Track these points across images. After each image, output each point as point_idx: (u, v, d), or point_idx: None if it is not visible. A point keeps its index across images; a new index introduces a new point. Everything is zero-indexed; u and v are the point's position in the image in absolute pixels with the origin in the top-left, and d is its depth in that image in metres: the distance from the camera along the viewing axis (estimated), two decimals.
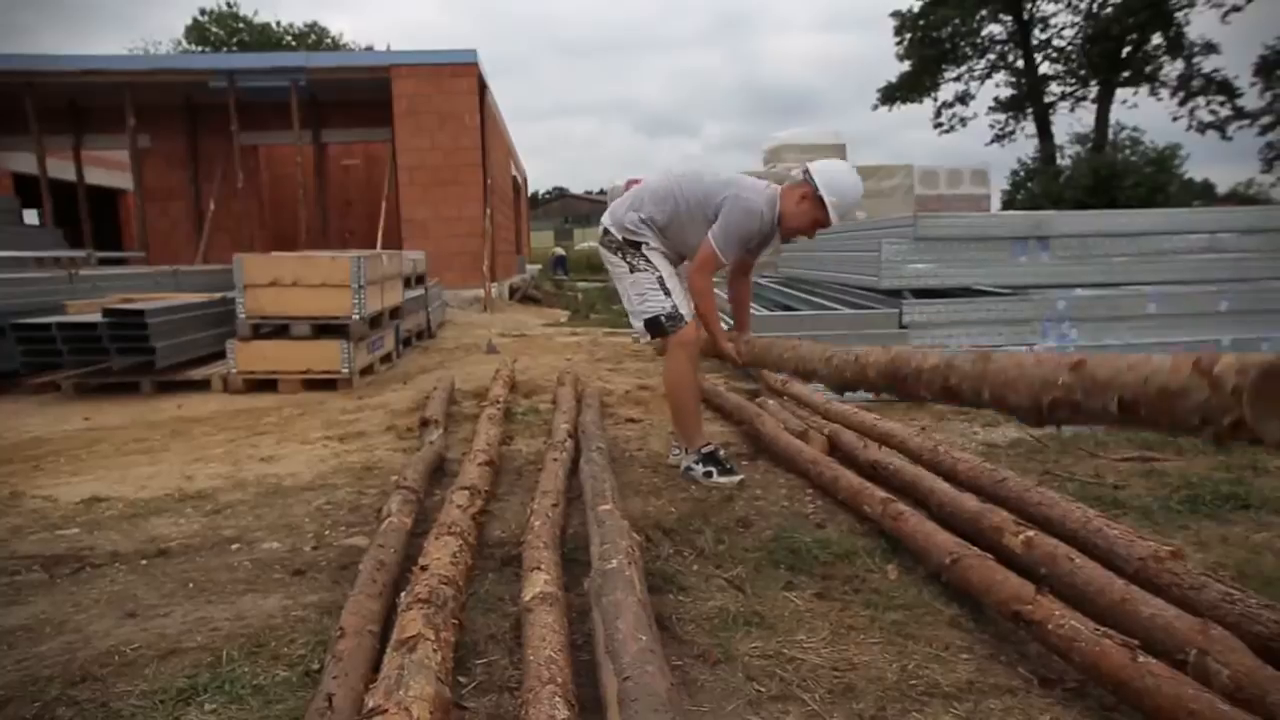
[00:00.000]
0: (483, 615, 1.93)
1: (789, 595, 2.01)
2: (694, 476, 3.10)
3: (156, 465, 3.55)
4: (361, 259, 5.27)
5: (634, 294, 3.12)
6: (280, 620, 1.96)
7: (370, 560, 1.98)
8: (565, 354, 6.90)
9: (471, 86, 11.05)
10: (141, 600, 2.12)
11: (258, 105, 11.86)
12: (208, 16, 32.46)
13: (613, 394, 4.97)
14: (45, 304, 5.83)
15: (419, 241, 10.52)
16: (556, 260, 26.49)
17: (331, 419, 4.39)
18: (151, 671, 1.72)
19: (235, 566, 2.36)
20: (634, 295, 3.12)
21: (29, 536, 2.66)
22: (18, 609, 2.08)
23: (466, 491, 2.52)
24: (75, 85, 11.33)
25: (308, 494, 3.07)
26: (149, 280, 7.46)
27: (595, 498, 2.40)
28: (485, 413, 3.84)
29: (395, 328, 6.47)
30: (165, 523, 2.79)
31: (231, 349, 5.30)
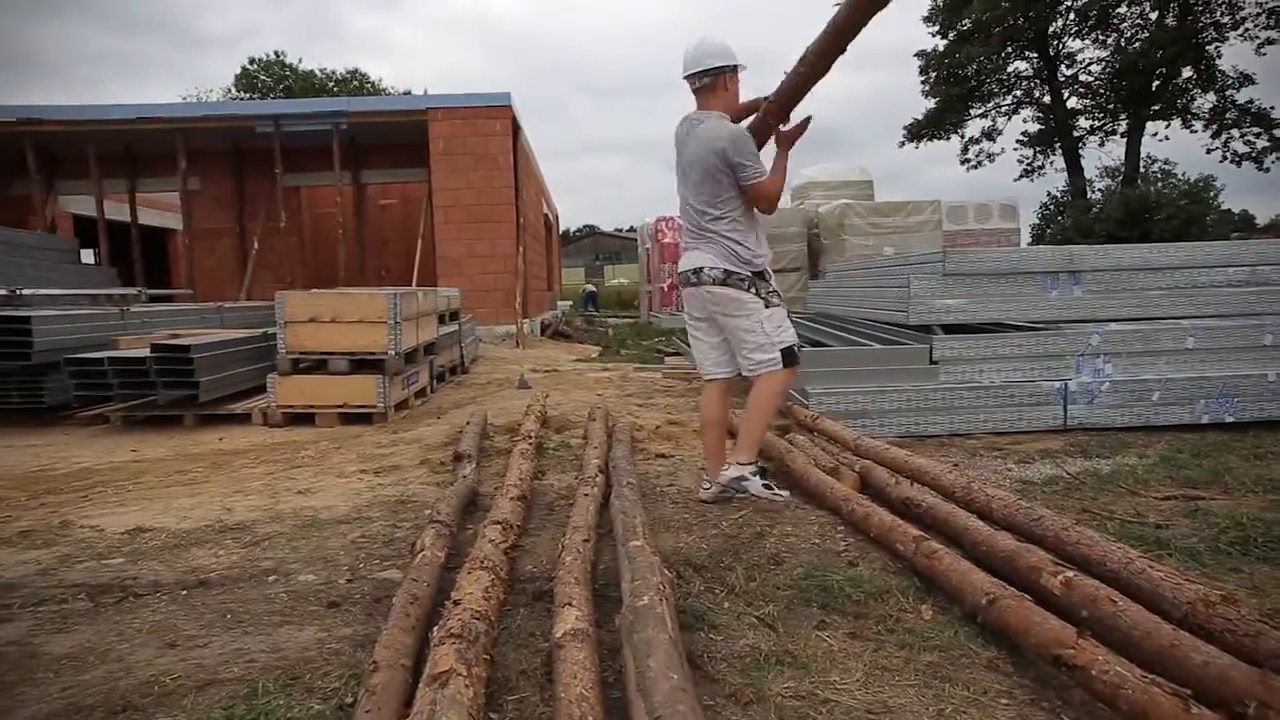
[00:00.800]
0: (514, 650, 1.93)
1: (821, 634, 1.99)
2: (748, 488, 3.15)
3: (198, 497, 3.64)
4: (397, 295, 5.39)
5: (771, 327, 3.21)
6: (315, 653, 1.99)
7: (404, 594, 2.00)
8: (596, 389, 6.94)
9: (506, 128, 11.32)
10: (181, 631, 2.16)
11: (301, 148, 12.29)
12: (256, 65, 33.89)
13: (643, 429, 4.98)
14: (98, 340, 6.05)
15: (454, 278, 10.71)
16: (587, 296, 26.74)
17: (367, 453, 4.46)
18: (190, 702, 1.76)
19: (272, 598, 2.41)
20: (771, 328, 3.21)
21: (76, 565, 2.74)
22: (64, 637, 2.14)
23: (499, 526, 2.55)
24: (131, 132, 11.83)
25: (343, 527, 3.12)
26: (195, 316, 7.70)
27: (626, 533, 2.41)
28: (517, 448, 3.88)
29: (430, 363, 6.58)
30: (205, 554, 2.85)
31: (271, 383, 5.43)
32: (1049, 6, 22.70)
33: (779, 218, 14.95)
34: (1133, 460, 3.85)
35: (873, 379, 4.87)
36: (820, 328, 7.50)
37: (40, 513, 3.41)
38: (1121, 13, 22.73)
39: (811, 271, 14.67)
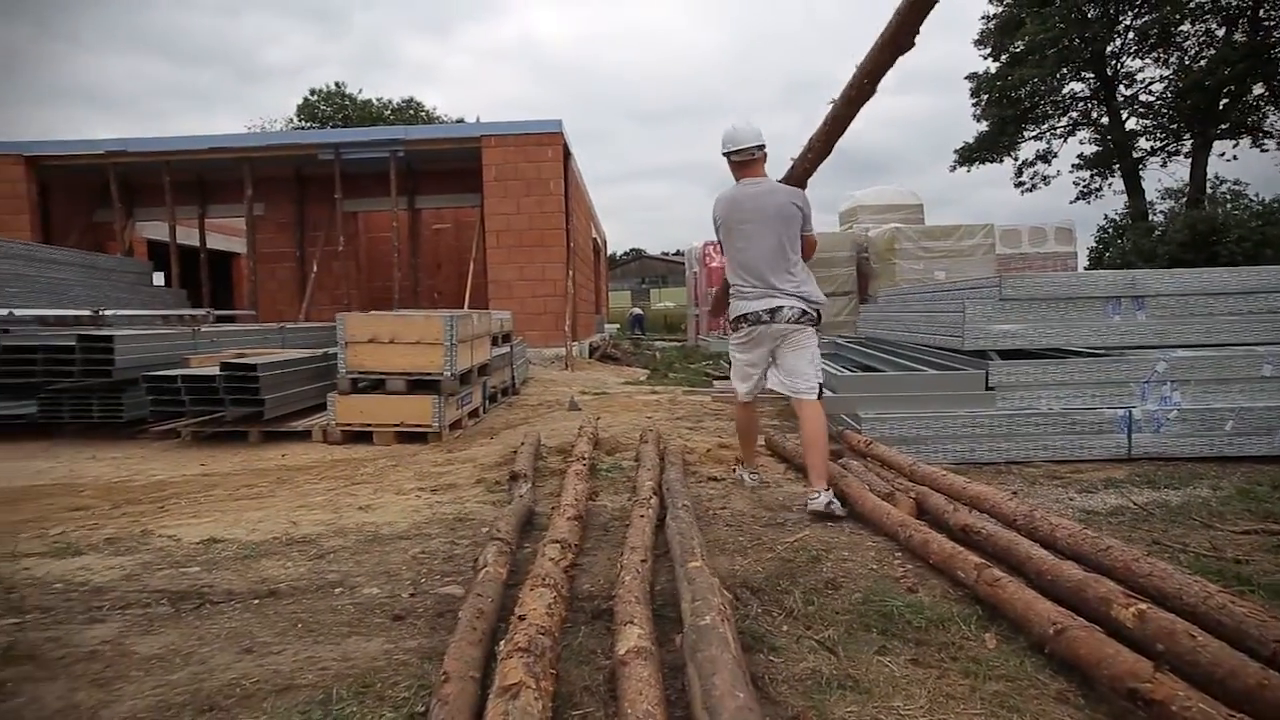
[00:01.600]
0: (576, 667, 1.97)
1: (883, 660, 1.98)
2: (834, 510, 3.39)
3: (265, 510, 3.77)
4: (454, 318, 5.53)
5: (815, 366, 3.76)
6: (384, 663, 2.05)
7: (469, 608, 2.06)
8: (645, 412, 6.98)
9: (557, 154, 11.55)
10: (257, 637, 2.25)
11: (360, 174, 12.73)
12: (317, 95, 35.21)
13: (694, 452, 5.00)
14: (171, 358, 6.33)
15: (504, 301, 10.92)
16: (634, 319, 26.91)
17: (424, 471, 4.57)
18: (269, 705, 1.83)
19: (339, 610, 2.48)
20: (814, 368, 3.76)
21: (157, 572, 2.86)
22: (151, 639, 2.24)
23: (558, 545, 2.59)
24: (203, 161, 12.42)
25: (404, 543, 3.20)
26: (259, 336, 7.99)
27: (684, 555, 2.43)
28: (572, 468, 3.93)
29: (483, 384, 6.71)
30: (274, 565, 2.95)
31: (332, 402, 5.60)
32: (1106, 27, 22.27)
33: (828, 241, 14.88)
34: (1205, 492, 3.72)
35: (926, 404, 4.81)
36: (872, 352, 7.43)
37: (122, 521, 3.58)
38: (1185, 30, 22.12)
39: (860, 295, 14.56)
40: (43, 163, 12.30)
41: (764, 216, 3.68)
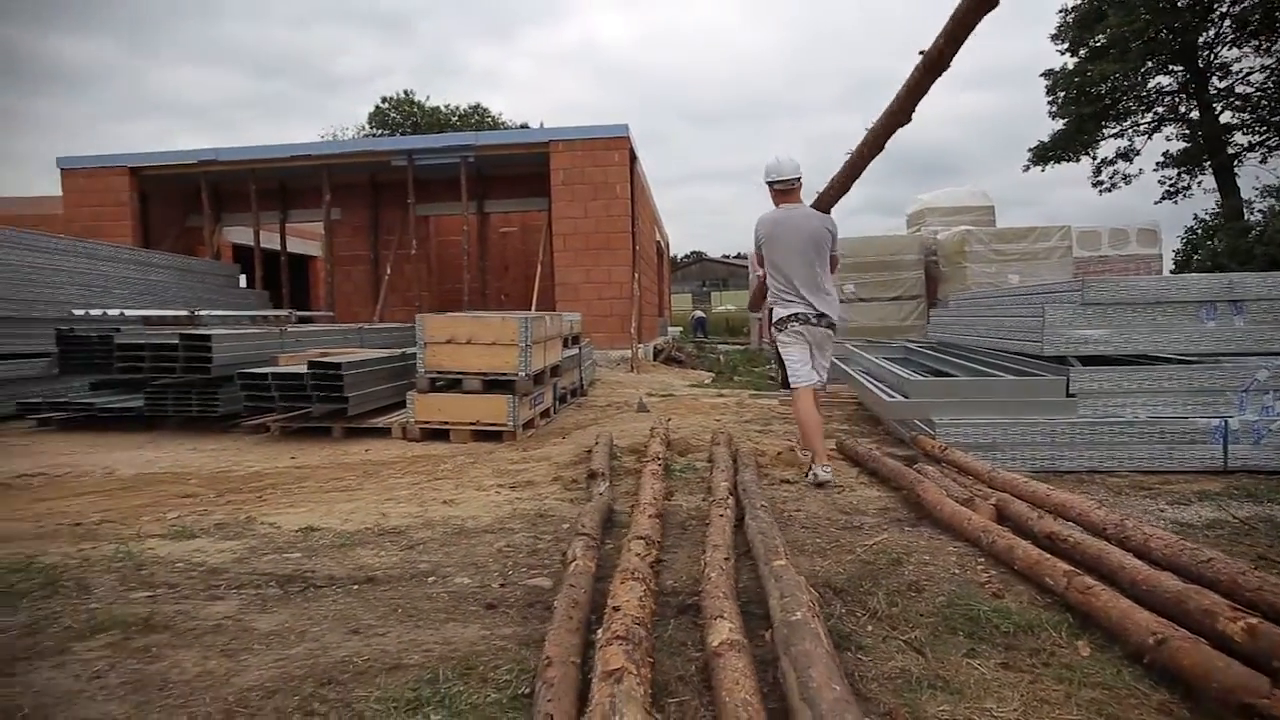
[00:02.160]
0: (668, 658, 2.03)
1: (972, 662, 1.98)
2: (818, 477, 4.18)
3: (355, 502, 3.96)
4: (529, 320, 5.68)
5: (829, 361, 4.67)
6: (483, 648, 2.15)
7: (564, 599, 2.14)
8: (713, 415, 7.01)
9: (623, 158, 11.68)
10: (362, 620, 2.39)
11: (431, 180, 13.12)
12: (388, 103, 36.31)
13: (765, 455, 5.02)
14: (261, 357, 6.66)
15: (571, 304, 11.10)
16: (697, 322, 26.92)
17: (501, 468, 4.71)
18: (381, 681, 1.95)
19: (434, 597, 2.61)
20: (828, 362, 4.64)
21: (263, 557, 3.05)
22: (267, 616, 2.41)
23: (642, 541, 2.66)
24: (286, 169, 12.99)
25: (488, 536, 3.32)
26: (339, 336, 8.33)
27: (768, 554, 2.47)
28: (647, 468, 4.00)
29: (554, 385, 6.85)
30: (369, 553, 3.11)
31: (411, 400, 5.82)
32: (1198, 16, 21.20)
33: (894, 245, 14.65)
34: None
35: (1003, 410, 4.72)
36: (944, 357, 7.30)
37: (228, 509, 3.81)
38: None
39: (929, 299, 14.27)
40: (143, 173, 13.07)
41: (802, 236, 4.42)
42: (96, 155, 13.20)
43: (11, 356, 7.48)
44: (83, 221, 12.70)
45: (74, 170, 13.11)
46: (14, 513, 3.83)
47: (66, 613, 2.47)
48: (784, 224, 4.45)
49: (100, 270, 9.11)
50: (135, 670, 2.06)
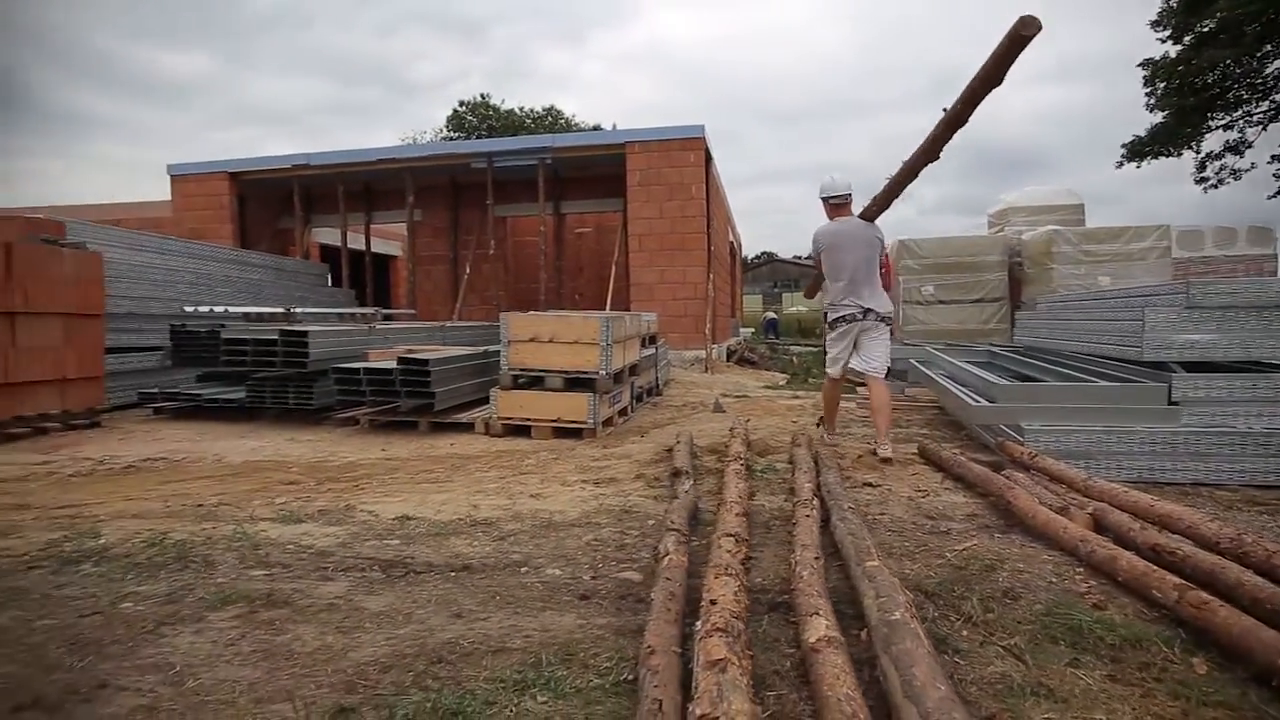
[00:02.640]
0: (762, 653, 2.06)
1: (1077, 673, 1.95)
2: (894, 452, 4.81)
3: (446, 494, 4.11)
4: (610, 320, 5.78)
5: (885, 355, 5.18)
6: (580, 636, 2.23)
7: (661, 591, 2.20)
8: (790, 416, 6.98)
9: (699, 159, 11.71)
10: (463, 605, 2.50)
11: (509, 181, 13.41)
12: (465, 107, 37.29)
13: (845, 457, 4.98)
14: (353, 353, 6.97)
15: (645, 304, 11.19)
16: (769, 323, 26.72)
17: (584, 465, 4.81)
18: (488, 663, 2.05)
19: (528, 586, 2.70)
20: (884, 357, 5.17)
21: (365, 542, 3.21)
22: (374, 598, 2.55)
23: (731, 538, 2.70)
24: (372, 172, 13.51)
25: (576, 530, 3.41)
26: (424, 334, 8.63)
27: (860, 555, 2.47)
28: (730, 468, 4.03)
29: (631, 384, 6.94)
30: (463, 543, 3.24)
31: (494, 396, 5.99)
32: None
33: (974, 246, 14.22)
34: None
35: (1098, 418, 4.56)
36: (1032, 361, 7.07)
37: (328, 496, 4.02)
38: None
39: (1012, 302, 13.79)
40: (242, 177, 13.80)
41: (857, 245, 5.09)
42: (201, 162, 14.02)
43: (131, 350, 8.03)
44: (189, 224, 13.50)
45: (182, 176, 13.95)
46: (145, 493, 4.14)
47: (198, 585, 2.67)
48: (840, 234, 5.17)
49: (207, 269, 9.68)
50: (263, 640, 2.22)
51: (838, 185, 5.22)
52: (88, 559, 3.00)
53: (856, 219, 5.18)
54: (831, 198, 5.24)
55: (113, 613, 2.46)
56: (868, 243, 5.12)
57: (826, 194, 5.24)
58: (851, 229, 5.15)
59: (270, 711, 1.82)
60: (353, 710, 1.79)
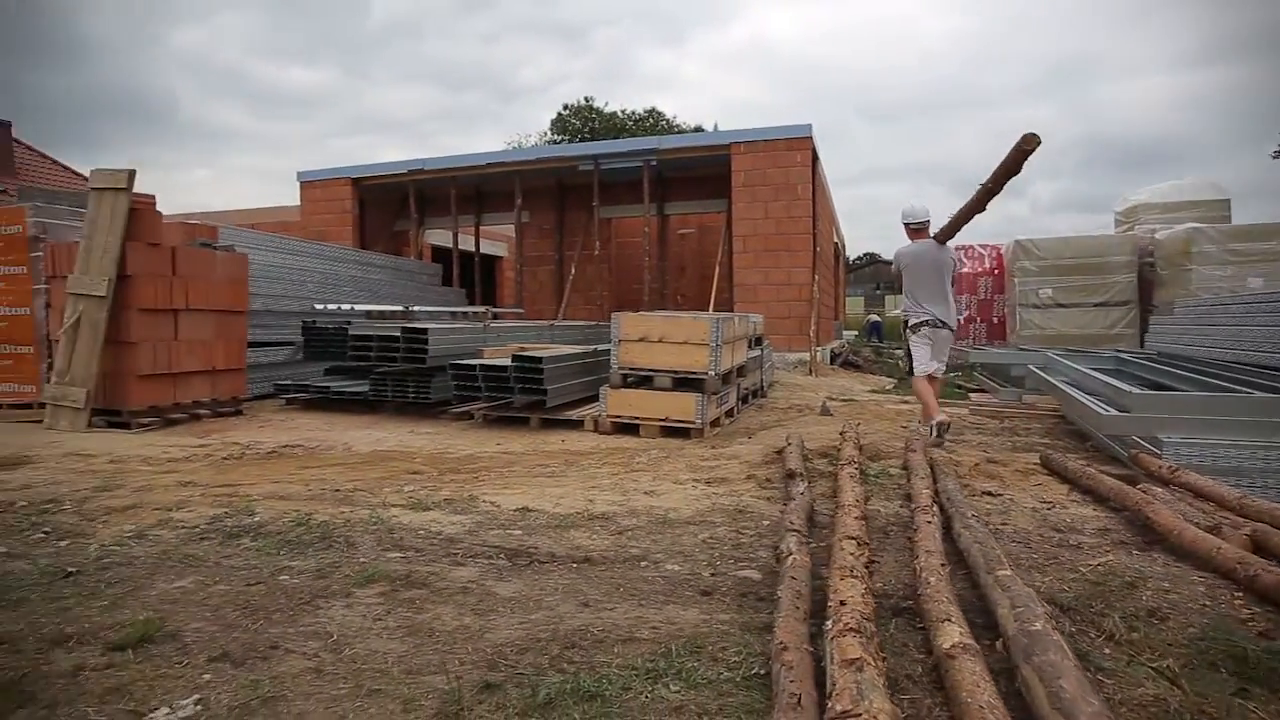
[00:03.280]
0: (892, 657, 2.05)
1: (1245, 704, 1.83)
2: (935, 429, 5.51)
3: (562, 488, 4.25)
4: (720, 320, 5.80)
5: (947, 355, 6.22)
6: (706, 630, 2.27)
7: (788, 590, 2.21)
8: (900, 421, 6.81)
9: (806, 159, 11.54)
10: (589, 595, 2.59)
11: (614, 183, 13.63)
12: (568, 110, 38.09)
13: (961, 464, 4.82)
14: (468, 350, 7.28)
15: (749, 305, 11.13)
16: (872, 326, 26.04)
17: (693, 464, 4.86)
18: (619, 650, 2.12)
19: (650, 580, 2.77)
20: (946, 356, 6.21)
21: (490, 531, 3.37)
22: (504, 584, 2.67)
23: (853, 541, 2.68)
24: (483, 175, 14.03)
25: (691, 528, 3.46)
26: (533, 333, 8.90)
27: (990, 563, 2.41)
28: (844, 471, 3.98)
29: (738, 385, 6.94)
30: (582, 536, 3.34)
31: (604, 395, 6.12)
32: None
33: (1101, 245, 13.41)
34: None
35: (1252, 432, 4.23)
36: (1166, 369, 6.62)
37: (452, 487, 4.23)
38: None
39: (1142, 305, 12.90)
40: (363, 182, 14.62)
41: (934, 263, 5.91)
42: (326, 169, 14.94)
43: (266, 344, 8.67)
44: (315, 227, 14.42)
45: (310, 182, 14.92)
46: (288, 476, 4.48)
47: (343, 563, 2.88)
48: (919, 255, 5.95)
49: (333, 270, 10.33)
50: (406, 618, 2.37)
51: (917, 212, 6.04)
52: (246, 534, 3.28)
53: (932, 241, 5.93)
54: (911, 223, 6.03)
55: (273, 583, 2.68)
56: (940, 264, 5.94)
57: (907, 219, 6.05)
58: (927, 250, 5.94)
59: (422, 682, 1.95)
60: (497, 686, 1.90)
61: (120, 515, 3.64)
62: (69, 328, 6.36)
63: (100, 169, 6.60)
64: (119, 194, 6.44)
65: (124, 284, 6.39)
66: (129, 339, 6.43)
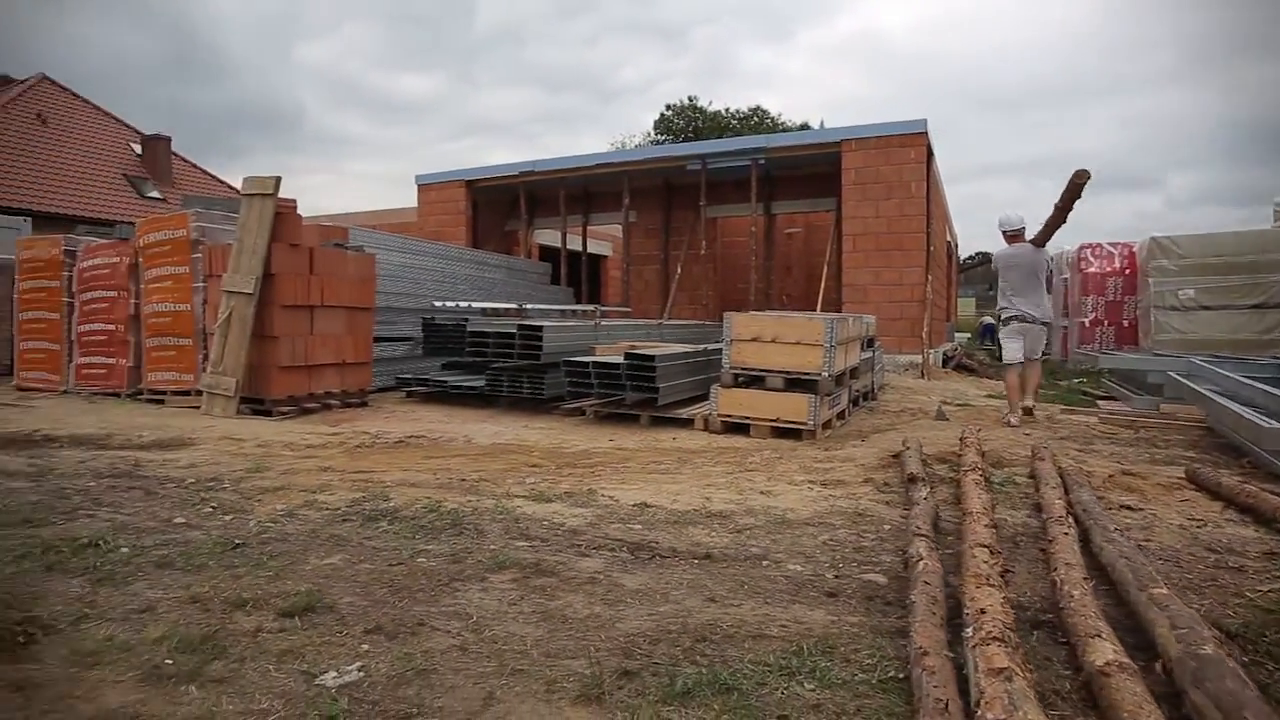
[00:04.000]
0: (1037, 670, 1.98)
1: None
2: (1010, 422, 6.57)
3: (677, 485, 4.30)
4: (834, 321, 5.71)
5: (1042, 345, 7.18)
6: (835, 631, 2.26)
7: (923, 595, 2.18)
8: (1022, 428, 6.49)
9: (920, 155, 11.16)
10: (714, 590, 2.62)
11: (720, 182, 13.59)
12: (671, 110, 38.23)
13: (1094, 475, 4.55)
14: (580, 347, 7.45)
15: (858, 305, 10.87)
16: (986, 329, 24.86)
17: (807, 465, 4.81)
18: (749, 646, 2.14)
19: (773, 579, 2.77)
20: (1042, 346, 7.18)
21: (610, 525, 3.45)
22: (629, 576, 2.74)
23: (986, 549, 2.60)
24: (592, 176, 14.29)
25: (810, 529, 3.43)
26: (641, 331, 9.01)
27: (1141, 580, 2.28)
28: (969, 477, 3.85)
29: (850, 387, 6.80)
30: (701, 532, 3.37)
31: (714, 394, 6.14)
32: None
33: (1253, 242, 12.35)
34: None
35: None
36: None
37: (570, 480, 4.35)
38: None
39: None
40: (476, 185, 15.19)
41: (1028, 265, 6.86)
42: (441, 172, 15.61)
43: (390, 339, 9.16)
44: (430, 228, 15.09)
45: (427, 185, 15.63)
46: (416, 465, 4.74)
47: (475, 550, 3.02)
48: (1015, 258, 6.90)
49: (450, 269, 10.79)
50: (539, 604, 2.48)
51: (1011, 221, 6.93)
52: (383, 518, 3.50)
53: (1028, 244, 6.81)
54: (1007, 230, 6.95)
55: (413, 565, 2.85)
56: (1034, 265, 6.89)
57: (1003, 227, 6.97)
58: (1022, 253, 6.85)
59: (561, 665, 2.03)
60: (635, 674, 1.96)
61: (272, 495, 3.95)
62: (222, 322, 6.94)
63: (251, 176, 7.16)
64: (266, 199, 6.97)
65: (268, 282, 6.91)
66: (272, 333, 6.94)
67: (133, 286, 8.04)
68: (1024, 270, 6.83)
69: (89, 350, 8.38)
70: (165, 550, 2.95)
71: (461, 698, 1.86)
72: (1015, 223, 6.89)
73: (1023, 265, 6.83)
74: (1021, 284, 6.84)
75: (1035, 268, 6.86)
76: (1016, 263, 6.87)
